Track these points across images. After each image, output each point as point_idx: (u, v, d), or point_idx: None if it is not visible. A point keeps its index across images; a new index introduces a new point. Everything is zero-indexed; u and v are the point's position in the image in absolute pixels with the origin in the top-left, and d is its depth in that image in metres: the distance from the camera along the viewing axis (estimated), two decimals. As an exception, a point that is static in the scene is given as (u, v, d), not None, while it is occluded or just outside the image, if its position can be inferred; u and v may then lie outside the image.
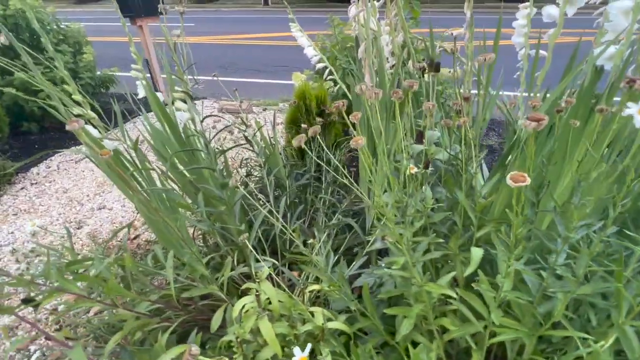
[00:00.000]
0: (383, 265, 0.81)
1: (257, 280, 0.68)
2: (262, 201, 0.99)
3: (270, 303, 0.68)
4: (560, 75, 0.87)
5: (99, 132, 0.82)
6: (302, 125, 1.43)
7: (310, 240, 0.75)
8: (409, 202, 0.62)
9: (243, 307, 0.67)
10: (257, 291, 0.67)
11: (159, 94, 0.96)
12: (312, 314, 0.70)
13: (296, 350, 0.45)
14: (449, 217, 0.72)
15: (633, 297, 0.51)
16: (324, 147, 0.66)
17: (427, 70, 0.76)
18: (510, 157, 0.84)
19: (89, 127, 0.88)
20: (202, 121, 0.83)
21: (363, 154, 0.51)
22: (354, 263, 0.83)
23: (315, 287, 0.75)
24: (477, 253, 0.63)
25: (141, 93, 1.03)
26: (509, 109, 1.18)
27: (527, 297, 0.54)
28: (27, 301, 0.67)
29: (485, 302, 0.59)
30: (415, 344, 0.68)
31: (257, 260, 0.95)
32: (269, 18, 10.61)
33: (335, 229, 1.12)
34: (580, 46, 0.79)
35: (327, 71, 1.28)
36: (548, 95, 0.88)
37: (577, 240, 0.53)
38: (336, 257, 0.90)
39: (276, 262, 0.94)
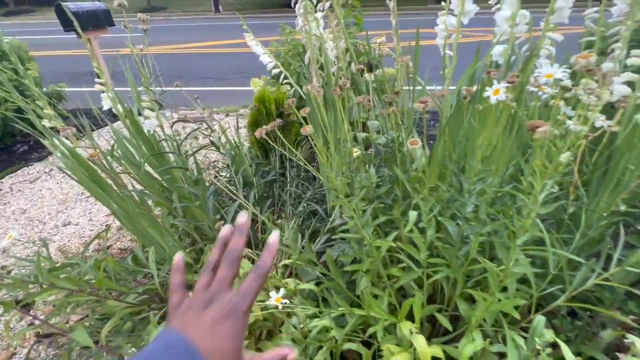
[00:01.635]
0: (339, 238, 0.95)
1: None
2: (232, 196, 1.09)
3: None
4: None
5: (71, 142, 0.87)
6: (264, 127, 1.54)
7: (279, 221, 0.87)
8: (355, 177, 0.76)
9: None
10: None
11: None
12: (285, 284, 0.81)
13: (272, 293, 0.56)
14: (391, 190, 0.88)
15: (518, 229, 0.69)
16: (287, 146, 0.79)
17: (365, 71, 0.91)
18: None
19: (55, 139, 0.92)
20: (172, 126, 0.92)
21: (314, 140, 0.64)
22: (318, 238, 0.97)
23: (287, 261, 0.87)
24: (413, 214, 0.79)
25: (106, 105, 1.08)
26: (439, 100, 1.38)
27: (449, 240, 0.71)
28: (20, 302, 0.72)
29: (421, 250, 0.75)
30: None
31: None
32: (221, 25, 10.50)
33: (302, 216, 1.24)
34: (481, 45, 1.00)
35: (282, 76, 1.41)
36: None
37: (479, 192, 0.70)
38: (304, 239, 1.03)
39: (249, 249, 1.04)
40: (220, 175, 1.41)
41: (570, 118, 0.72)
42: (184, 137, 1.18)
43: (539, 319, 0.66)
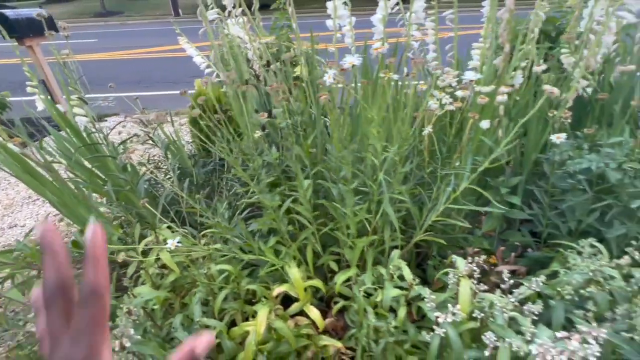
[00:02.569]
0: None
1: (158, 227, 0.92)
2: (167, 182, 1.22)
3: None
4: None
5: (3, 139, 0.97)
6: (202, 122, 1.67)
7: (196, 195, 1.01)
8: (255, 154, 0.93)
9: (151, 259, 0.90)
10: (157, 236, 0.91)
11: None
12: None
13: (169, 240, 0.71)
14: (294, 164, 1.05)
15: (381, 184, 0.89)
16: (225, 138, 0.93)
17: (268, 66, 1.08)
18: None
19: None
20: (98, 120, 1.04)
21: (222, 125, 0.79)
22: (239, 210, 1.12)
23: (209, 230, 1.01)
24: (306, 181, 0.97)
25: (40, 106, 1.18)
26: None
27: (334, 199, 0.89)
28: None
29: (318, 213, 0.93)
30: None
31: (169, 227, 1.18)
32: (181, 29, 10.34)
33: (234, 198, 1.39)
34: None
35: (214, 75, 1.55)
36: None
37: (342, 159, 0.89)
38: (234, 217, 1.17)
39: (176, 227, 1.18)
40: (160, 168, 1.52)
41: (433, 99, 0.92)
42: (124, 136, 1.29)
43: (395, 253, 0.85)
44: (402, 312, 0.76)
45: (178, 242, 0.69)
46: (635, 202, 0.90)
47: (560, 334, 0.57)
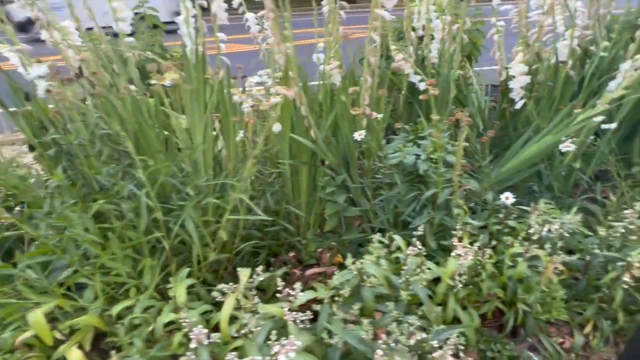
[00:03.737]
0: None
1: None
2: None
3: None
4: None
5: None
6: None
7: None
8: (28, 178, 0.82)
9: None
10: None
11: None
12: None
13: None
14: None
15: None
16: None
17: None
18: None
19: None
20: None
21: None
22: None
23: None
24: (97, 204, 0.88)
25: None
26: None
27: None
28: None
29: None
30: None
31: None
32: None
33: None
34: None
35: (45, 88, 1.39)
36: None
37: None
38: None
39: None
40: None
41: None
42: None
43: (184, 272, 0.80)
44: (177, 338, 0.71)
45: None
46: (428, 192, 0.94)
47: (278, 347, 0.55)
